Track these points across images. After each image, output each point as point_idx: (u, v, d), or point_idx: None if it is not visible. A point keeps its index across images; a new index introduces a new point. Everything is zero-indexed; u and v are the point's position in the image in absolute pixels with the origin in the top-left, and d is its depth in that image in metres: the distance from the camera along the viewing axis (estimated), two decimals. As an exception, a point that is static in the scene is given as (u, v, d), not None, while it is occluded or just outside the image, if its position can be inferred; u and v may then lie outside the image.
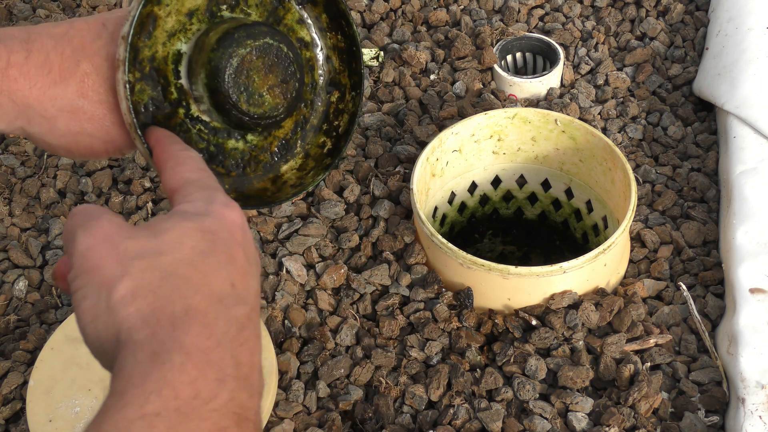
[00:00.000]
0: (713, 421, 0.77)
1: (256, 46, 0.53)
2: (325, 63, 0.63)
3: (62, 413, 0.77)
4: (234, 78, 0.52)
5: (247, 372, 0.42)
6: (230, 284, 0.43)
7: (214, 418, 0.39)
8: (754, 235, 0.86)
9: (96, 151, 0.54)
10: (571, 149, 0.93)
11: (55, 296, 0.91)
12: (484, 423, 0.76)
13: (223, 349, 0.41)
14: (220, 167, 0.58)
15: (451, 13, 1.18)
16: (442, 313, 0.83)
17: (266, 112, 0.55)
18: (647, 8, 1.18)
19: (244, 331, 0.42)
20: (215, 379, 0.40)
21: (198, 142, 0.56)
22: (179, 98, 0.54)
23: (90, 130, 0.53)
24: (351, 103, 0.63)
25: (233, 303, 0.43)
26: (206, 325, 0.41)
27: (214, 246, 0.44)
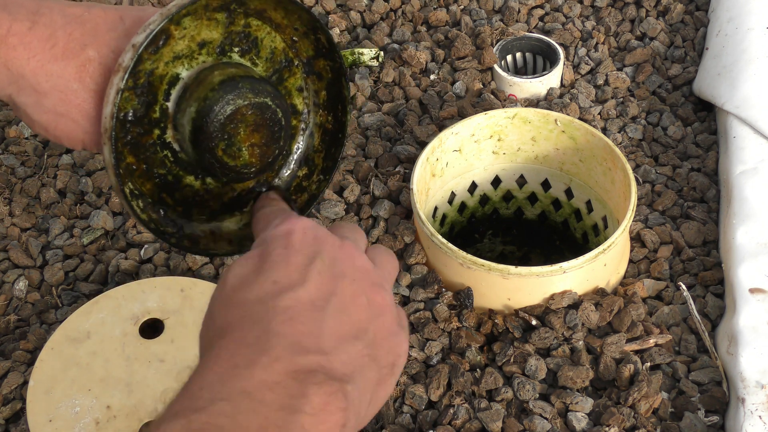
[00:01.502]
0: (713, 421, 0.77)
1: (254, 102, 0.53)
2: (307, 137, 0.62)
3: (62, 413, 0.77)
4: (222, 124, 0.52)
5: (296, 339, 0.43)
6: (271, 283, 0.45)
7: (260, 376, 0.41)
8: (754, 235, 0.86)
9: (73, 138, 0.54)
10: (571, 149, 0.94)
11: (55, 296, 0.91)
12: (484, 423, 0.76)
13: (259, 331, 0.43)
14: (169, 198, 0.57)
15: (451, 13, 1.18)
16: (442, 313, 0.83)
17: (238, 166, 0.54)
18: (647, 8, 1.18)
19: (288, 311, 0.44)
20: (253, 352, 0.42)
21: (159, 167, 0.55)
22: (160, 119, 0.54)
23: (75, 116, 0.52)
24: (315, 185, 0.63)
25: (273, 296, 0.44)
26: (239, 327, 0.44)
27: (256, 263, 0.46)
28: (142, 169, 0.54)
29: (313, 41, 0.59)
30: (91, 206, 0.99)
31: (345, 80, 0.60)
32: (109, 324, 0.83)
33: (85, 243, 0.95)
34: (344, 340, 0.44)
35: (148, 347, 0.81)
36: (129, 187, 0.54)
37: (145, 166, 0.54)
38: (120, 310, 0.84)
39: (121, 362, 0.80)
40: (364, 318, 0.46)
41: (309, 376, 0.41)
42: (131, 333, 0.82)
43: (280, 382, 0.41)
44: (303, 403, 0.41)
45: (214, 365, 0.42)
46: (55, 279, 0.92)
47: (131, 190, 0.54)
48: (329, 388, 0.41)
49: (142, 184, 0.55)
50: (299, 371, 0.41)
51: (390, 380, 0.47)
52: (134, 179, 0.54)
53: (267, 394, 0.40)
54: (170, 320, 0.83)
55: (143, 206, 0.55)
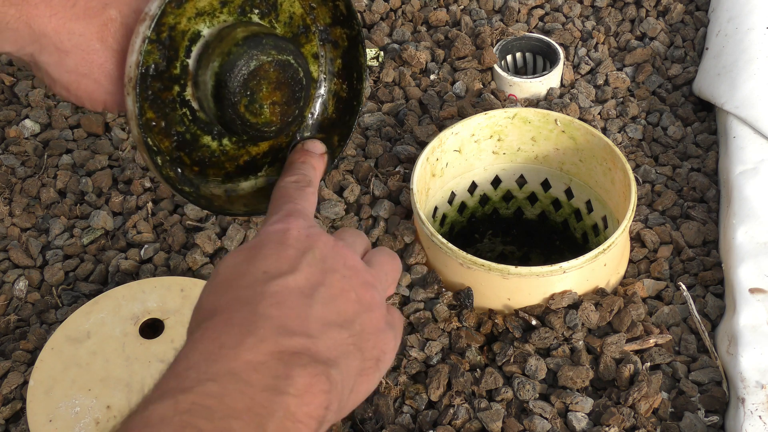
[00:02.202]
0: (713, 421, 0.77)
1: (278, 59, 0.53)
2: (320, 105, 0.62)
3: (62, 413, 0.77)
4: (245, 79, 0.52)
5: (283, 322, 0.43)
6: (262, 272, 0.46)
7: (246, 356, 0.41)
8: (754, 235, 0.86)
9: (95, 99, 0.53)
10: (571, 149, 0.94)
11: (55, 296, 0.91)
12: (484, 423, 0.76)
13: (246, 312, 0.43)
14: (186, 157, 0.57)
15: (451, 13, 1.18)
16: (442, 313, 0.83)
17: (259, 124, 0.55)
18: (647, 8, 1.18)
19: (277, 296, 0.44)
20: (239, 332, 0.42)
21: (178, 125, 0.55)
22: (180, 76, 0.54)
23: (97, 76, 0.52)
24: (331, 150, 0.63)
25: (262, 283, 0.45)
26: (227, 309, 0.44)
27: (248, 256, 0.47)
28: (161, 126, 0.54)
29: (331, 8, 0.59)
30: (91, 206, 0.99)
31: (362, 48, 0.60)
32: (109, 324, 0.83)
33: (85, 243, 0.95)
34: (330, 327, 0.45)
35: (148, 347, 0.81)
36: (149, 142, 0.54)
37: (164, 123, 0.54)
38: (120, 310, 0.84)
39: (121, 362, 0.80)
40: (351, 310, 0.47)
41: (294, 358, 0.42)
42: (131, 333, 0.82)
43: (266, 363, 0.41)
44: (288, 384, 0.41)
45: (201, 345, 0.42)
46: (55, 279, 0.92)
47: (150, 146, 0.54)
48: (313, 370, 0.42)
49: (161, 141, 0.55)
50: (284, 352, 0.42)
51: (374, 375, 0.48)
52: (153, 135, 0.54)
53: (253, 375, 0.41)
54: (170, 320, 0.83)
55: (161, 163, 0.55)
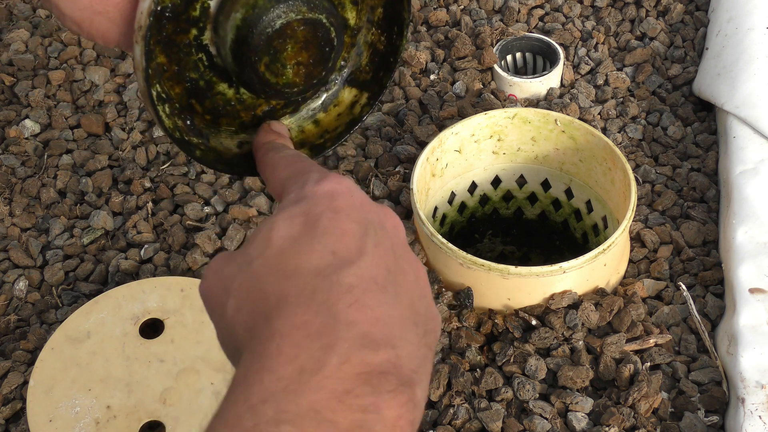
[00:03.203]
0: (713, 421, 0.77)
1: (308, 18, 0.48)
2: (354, 55, 0.57)
3: (62, 413, 0.77)
4: (269, 38, 0.47)
5: (365, 329, 0.38)
6: (330, 253, 0.40)
7: (330, 385, 0.36)
8: (754, 235, 0.86)
9: (108, 37, 0.50)
10: (571, 149, 0.94)
11: (55, 296, 0.91)
12: (484, 423, 0.76)
13: (325, 316, 0.38)
14: (198, 105, 0.53)
15: (451, 13, 1.18)
16: (442, 313, 0.83)
17: (279, 84, 0.50)
18: (647, 8, 1.18)
19: (353, 290, 0.39)
20: (320, 348, 0.37)
21: (192, 71, 0.51)
22: (199, 18, 0.48)
23: (112, 15, 0.48)
24: (359, 108, 0.58)
25: (334, 270, 0.40)
26: (300, 303, 0.39)
27: (305, 226, 0.42)
28: (173, 71, 0.50)
29: None
30: (91, 206, 0.99)
31: (407, 1, 0.55)
32: (109, 324, 0.83)
33: (85, 243, 0.95)
34: (407, 327, 0.40)
35: (148, 347, 0.81)
36: (156, 89, 0.49)
37: (177, 67, 0.50)
38: (120, 310, 0.84)
39: (121, 362, 0.80)
40: (415, 297, 0.42)
41: (381, 381, 0.37)
42: (131, 333, 0.82)
43: (352, 392, 0.36)
44: (376, 419, 0.36)
45: (277, 365, 0.37)
46: (55, 279, 0.92)
47: (158, 93, 0.50)
48: (402, 398, 0.37)
49: (171, 88, 0.51)
50: (371, 374, 0.37)
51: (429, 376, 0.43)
52: (163, 81, 0.50)
53: (338, 411, 0.36)
54: (170, 320, 0.83)
55: (170, 111, 0.51)
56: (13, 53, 1.14)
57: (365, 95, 0.58)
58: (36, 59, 1.14)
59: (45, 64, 1.14)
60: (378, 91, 0.58)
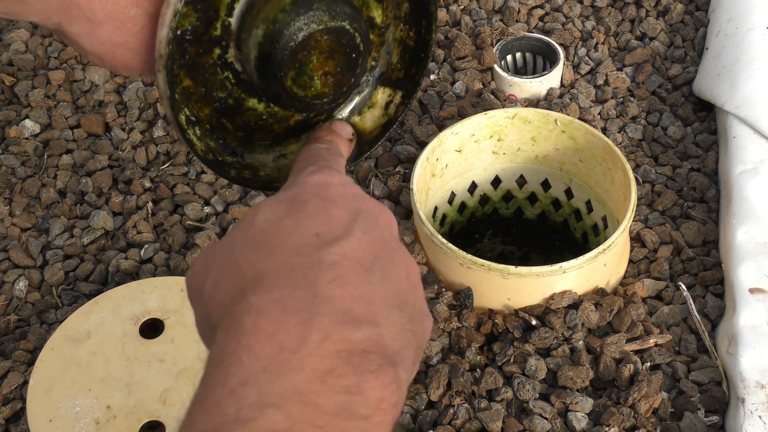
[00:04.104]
0: (713, 421, 0.77)
1: (330, 27, 0.46)
2: (384, 54, 0.55)
3: (62, 413, 0.77)
4: (293, 51, 0.46)
5: (347, 305, 0.37)
6: (313, 234, 0.39)
7: (311, 364, 0.35)
8: (754, 235, 0.86)
9: (131, 67, 0.49)
10: (571, 149, 0.94)
11: (55, 296, 0.91)
12: (484, 423, 0.76)
13: (304, 291, 0.37)
14: (229, 123, 0.51)
15: (451, 13, 1.18)
16: (442, 313, 0.83)
17: (309, 97, 0.49)
18: (647, 8, 1.18)
19: (335, 267, 0.38)
20: (299, 323, 0.36)
21: (219, 90, 0.50)
22: (221, 37, 0.47)
23: (133, 45, 0.48)
24: (394, 108, 0.56)
25: (315, 249, 0.38)
26: (278, 279, 0.37)
27: (290, 209, 0.41)
28: (201, 93, 0.49)
29: None
30: (91, 206, 0.99)
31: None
32: (109, 324, 0.83)
33: (85, 243, 0.95)
34: (392, 309, 0.39)
35: (148, 347, 0.81)
36: (185, 113, 0.49)
37: (204, 89, 0.49)
38: (120, 310, 0.84)
39: (121, 362, 0.80)
40: (404, 288, 0.41)
41: (364, 360, 0.36)
42: (131, 333, 0.82)
43: (334, 371, 0.35)
44: (359, 402, 0.35)
45: (255, 342, 0.35)
46: (55, 279, 0.92)
47: (187, 117, 0.49)
48: (385, 379, 0.36)
49: (200, 109, 0.50)
50: (353, 351, 0.36)
51: (416, 367, 0.42)
52: (191, 104, 0.49)
53: (321, 393, 0.34)
54: (170, 320, 0.83)
55: (200, 134, 0.50)
56: (13, 53, 1.14)
57: (399, 94, 0.57)
58: (36, 59, 1.14)
59: (45, 64, 1.14)
60: (412, 89, 0.56)
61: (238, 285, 0.38)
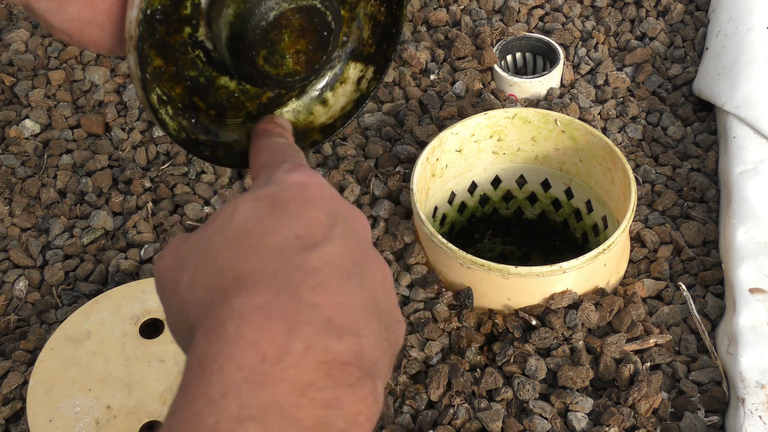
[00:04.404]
0: (713, 421, 0.77)
1: (302, 5, 0.46)
2: (355, 29, 0.55)
3: (62, 413, 0.77)
4: (264, 31, 0.46)
5: (329, 313, 0.36)
6: (294, 237, 0.38)
7: (292, 376, 0.34)
8: (754, 235, 0.86)
9: (100, 45, 0.48)
10: (571, 149, 0.94)
11: (55, 296, 0.91)
12: (484, 423, 0.76)
13: (287, 297, 0.36)
14: (201, 102, 0.51)
15: (451, 13, 1.18)
16: (442, 313, 0.83)
17: (281, 75, 0.48)
18: (647, 8, 1.18)
19: (318, 273, 0.37)
20: (282, 332, 0.35)
21: (191, 69, 0.49)
22: (191, 16, 0.47)
23: (102, 22, 0.47)
24: (366, 83, 0.57)
25: (297, 252, 0.38)
26: (261, 283, 0.37)
27: (271, 208, 0.40)
28: (171, 72, 0.49)
29: None
30: (91, 206, 0.99)
31: None
32: (109, 324, 0.83)
33: (85, 243, 0.95)
34: (370, 317, 0.38)
35: (148, 347, 0.81)
36: (156, 92, 0.48)
37: (175, 68, 0.49)
38: (120, 310, 0.84)
39: (121, 362, 0.80)
40: (380, 295, 0.41)
41: (343, 374, 0.35)
42: (131, 333, 0.82)
43: (314, 384, 0.35)
44: (337, 416, 0.35)
45: (237, 350, 0.35)
46: (55, 279, 0.92)
47: (159, 96, 0.48)
48: (363, 392, 0.36)
49: (171, 88, 0.50)
50: (333, 363, 0.35)
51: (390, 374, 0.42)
52: (162, 83, 0.49)
53: (300, 406, 0.34)
54: (170, 320, 0.83)
55: (173, 113, 0.50)
56: (13, 53, 1.14)
57: (371, 69, 0.57)
58: (36, 59, 1.14)
59: (45, 64, 1.14)
60: (383, 64, 0.56)
61: (218, 285, 0.37)
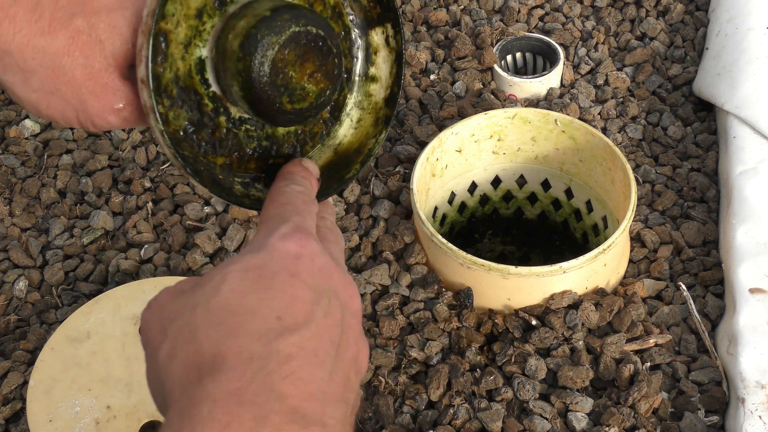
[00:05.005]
0: (713, 421, 0.77)
1: (282, 41, 0.47)
2: (353, 1, 0.56)
3: (62, 413, 0.77)
4: (271, 83, 0.47)
5: (297, 404, 0.38)
6: (275, 318, 0.40)
7: None
8: (754, 235, 0.86)
9: (67, 117, 0.49)
10: (571, 149, 0.94)
11: (55, 296, 0.91)
12: (484, 423, 0.76)
13: (259, 385, 0.38)
14: (278, 158, 0.53)
15: (451, 13, 1.18)
16: (442, 313, 0.83)
17: (313, 102, 0.50)
18: (647, 8, 1.18)
19: (291, 362, 0.39)
20: (252, 418, 0.37)
21: (248, 143, 0.51)
22: (216, 107, 0.49)
23: (65, 94, 0.48)
24: (393, 40, 0.57)
25: (275, 336, 0.39)
26: (236, 368, 0.38)
27: (257, 283, 0.41)
28: (236, 158, 0.51)
29: None
30: (91, 206, 0.99)
31: None
32: (109, 324, 0.83)
33: (85, 243, 0.95)
34: (338, 404, 0.40)
35: (148, 347, 0.81)
36: (237, 187, 0.51)
37: (237, 153, 0.51)
38: (120, 310, 0.84)
39: (121, 362, 0.80)
40: (351, 373, 0.43)
41: None
42: (131, 333, 0.82)
43: None
44: None
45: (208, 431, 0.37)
46: (55, 279, 0.92)
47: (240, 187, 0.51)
48: None
49: (246, 169, 0.52)
50: None
51: None
52: (238, 172, 0.51)
53: None
54: (170, 320, 0.83)
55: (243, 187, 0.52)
56: (13, 53, 1.14)
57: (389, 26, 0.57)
58: (36, 59, 1.14)
59: (45, 64, 1.14)
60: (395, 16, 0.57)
61: (196, 364, 0.39)
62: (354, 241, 0.91)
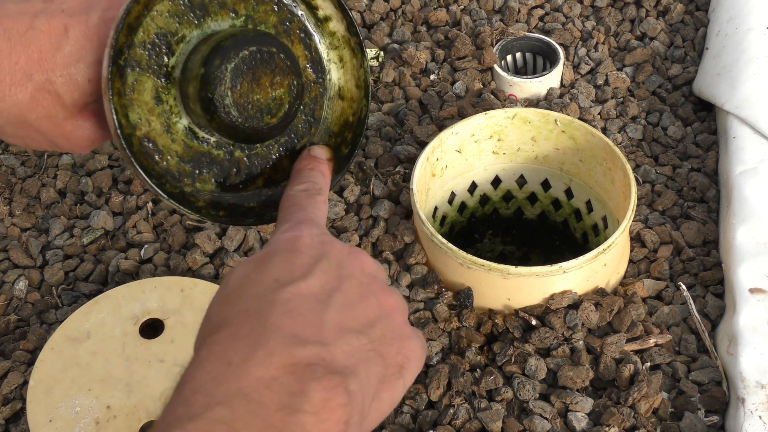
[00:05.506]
0: (713, 421, 0.77)
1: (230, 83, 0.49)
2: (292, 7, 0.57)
3: (62, 413, 0.77)
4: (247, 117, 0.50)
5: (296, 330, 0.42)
6: (272, 280, 0.44)
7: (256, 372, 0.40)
8: (754, 235, 0.86)
9: (49, 149, 0.55)
10: (571, 149, 0.94)
11: (55, 296, 0.91)
12: (484, 423, 0.76)
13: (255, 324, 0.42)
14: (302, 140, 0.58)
15: (451, 13, 1.18)
16: (442, 313, 0.83)
17: (291, 100, 0.53)
18: (647, 8, 1.18)
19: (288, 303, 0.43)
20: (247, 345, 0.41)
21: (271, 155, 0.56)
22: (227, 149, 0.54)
23: (38, 140, 0.53)
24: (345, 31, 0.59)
25: (272, 291, 0.43)
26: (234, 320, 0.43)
27: (258, 265, 0.46)
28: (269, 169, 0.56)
29: None
30: (91, 206, 0.99)
31: None
32: (109, 324, 0.83)
33: (85, 243, 0.95)
34: (347, 333, 0.43)
35: (148, 347, 0.81)
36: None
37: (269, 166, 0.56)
38: (120, 310, 0.84)
39: (121, 362, 0.80)
40: (372, 315, 0.45)
41: (308, 371, 0.40)
42: (131, 333, 0.82)
43: (278, 378, 0.40)
44: (303, 401, 0.39)
45: (207, 363, 0.41)
46: (55, 279, 0.92)
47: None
48: (329, 383, 0.40)
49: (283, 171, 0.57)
50: (297, 365, 0.40)
51: (397, 383, 0.46)
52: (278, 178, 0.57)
53: (265, 394, 0.39)
54: (170, 320, 0.83)
55: None
56: (13, 53, 1.14)
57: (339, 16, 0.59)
58: (36, 59, 1.14)
59: (45, 64, 1.14)
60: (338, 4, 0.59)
61: (203, 334, 0.44)
62: (354, 241, 0.91)
